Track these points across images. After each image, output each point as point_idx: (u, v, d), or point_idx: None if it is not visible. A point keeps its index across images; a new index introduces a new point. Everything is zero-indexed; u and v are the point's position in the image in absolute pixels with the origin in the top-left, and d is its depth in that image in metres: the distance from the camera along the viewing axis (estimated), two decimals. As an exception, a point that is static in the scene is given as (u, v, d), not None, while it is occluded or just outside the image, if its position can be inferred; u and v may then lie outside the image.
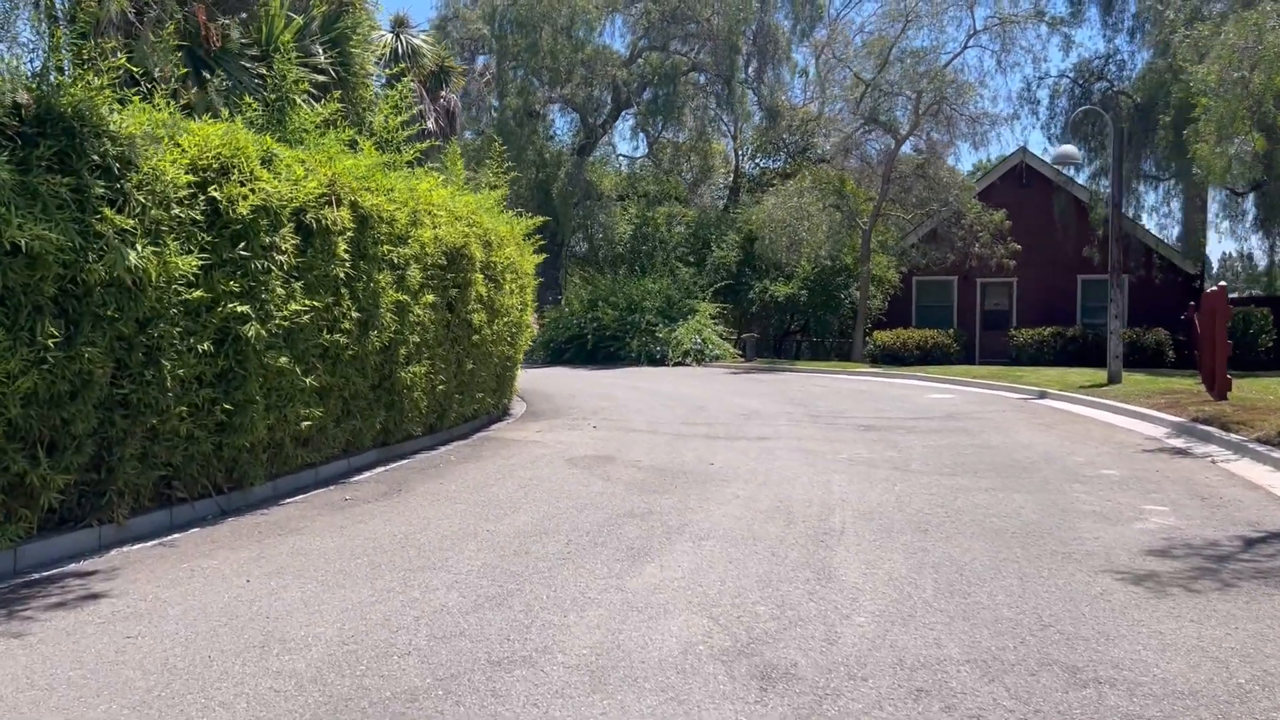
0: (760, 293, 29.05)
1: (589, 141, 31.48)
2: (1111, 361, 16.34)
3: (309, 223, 8.36)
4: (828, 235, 26.03)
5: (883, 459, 10.12)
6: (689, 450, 10.98)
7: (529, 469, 9.88)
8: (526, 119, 29.10)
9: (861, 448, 10.97)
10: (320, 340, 8.73)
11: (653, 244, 31.34)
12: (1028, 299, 30.01)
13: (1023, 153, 29.63)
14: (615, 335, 27.15)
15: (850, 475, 9.16)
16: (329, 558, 6.36)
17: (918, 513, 7.48)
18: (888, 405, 15.30)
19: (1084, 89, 24.61)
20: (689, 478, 9.19)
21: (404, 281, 10.36)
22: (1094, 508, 7.55)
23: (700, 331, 26.58)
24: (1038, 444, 10.89)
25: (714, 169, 37.18)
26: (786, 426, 12.90)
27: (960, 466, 9.58)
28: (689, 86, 30.83)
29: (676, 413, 14.79)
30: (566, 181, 28.93)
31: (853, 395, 17.10)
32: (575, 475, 9.43)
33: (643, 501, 8.05)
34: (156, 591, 5.63)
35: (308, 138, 9.71)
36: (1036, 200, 29.10)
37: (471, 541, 6.75)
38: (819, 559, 6.15)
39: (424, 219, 11.00)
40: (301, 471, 9.12)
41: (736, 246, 30.07)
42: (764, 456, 10.41)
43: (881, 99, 26.06)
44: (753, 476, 9.18)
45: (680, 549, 6.45)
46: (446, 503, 8.18)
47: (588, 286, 29.15)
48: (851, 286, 28.71)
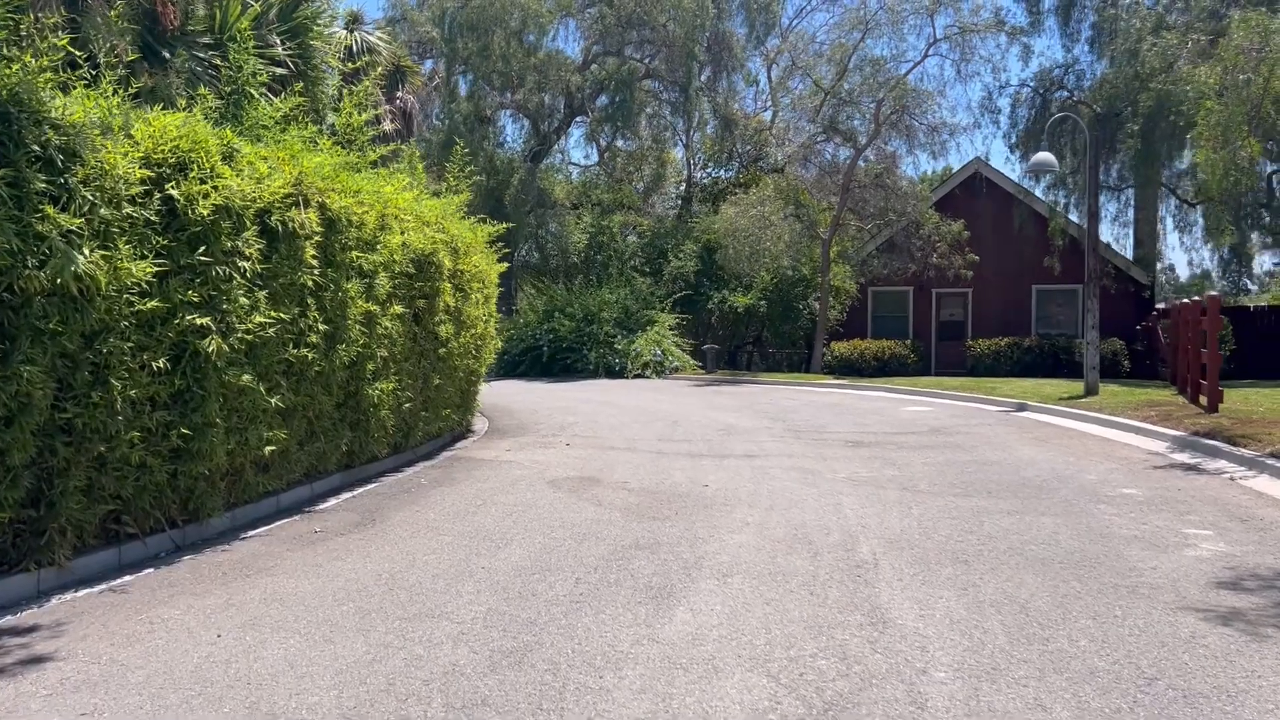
0: (720, 303, 28.54)
1: (542, 148, 30.71)
2: (1089, 373, 16.09)
3: (274, 225, 7.56)
4: (789, 245, 25.62)
5: (886, 478, 9.59)
6: (677, 470, 10.34)
7: (510, 493, 9.14)
8: (477, 125, 28.25)
9: (858, 465, 10.43)
10: (286, 355, 7.92)
11: (608, 253, 30.66)
12: (983, 310, 29.96)
13: (978, 163, 29.59)
14: (572, 347, 26.42)
15: (860, 497, 8.59)
16: (309, 604, 5.58)
17: (948, 540, 6.92)
18: (867, 419, 14.83)
19: (1044, 98, 24.57)
20: (687, 502, 8.55)
21: (372, 291, 9.57)
22: (1133, 532, 7.06)
23: (660, 343, 25.97)
24: (1041, 461, 10.46)
25: (666, 178, 36.69)
26: (772, 443, 12.33)
27: (971, 486, 9.08)
28: (644, 93, 30.27)
29: (651, 429, 14.13)
30: (519, 189, 28.13)
31: (827, 409, 16.62)
32: (562, 500, 8.72)
33: (645, 530, 7.38)
34: (112, 651, 4.81)
35: (267, 134, 8.90)
36: (991, 211, 29.07)
37: (468, 581, 6.02)
38: (864, 598, 5.54)
39: (392, 224, 10.22)
40: (262, 500, 8.28)
41: (694, 256, 29.54)
42: (759, 477, 9.80)
43: (841, 107, 25.77)
44: (755, 500, 8.56)
45: (705, 588, 5.80)
46: (429, 534, 7.42)
47: (543, 297, 28.35)
48: (810, 297, 28.36)
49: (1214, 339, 12.23)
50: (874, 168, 26.70)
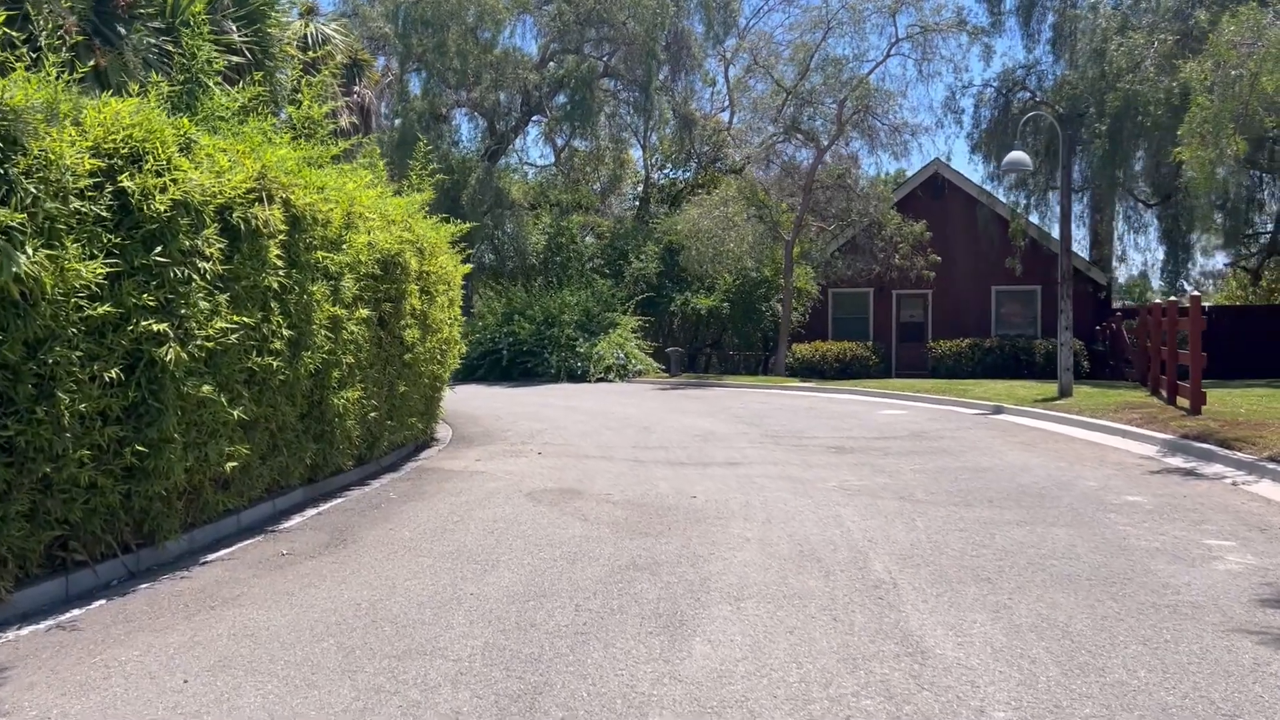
0: (682, 305, 28.15)
1: (498, 147, 30.05)
2: (1062, 374, 15.95)
3: (236, 223, 6.97)
4: (751, 246, 25.32)
5: (880, 487, 9.23)
6: (660, 480, 9.89)
7: (488, 507, 8.62)
8: (432, 123, 27.53)
9: (847, 473, 10.07)
10: (248, 363, 7.33)
11: (567, 254, 30.10)
12: (943, 311, 29.94)
13: (938, 164, 29.58)
14: (532, 350, 25.83)
15: (858, 508, 8.21)
16: (285, 641, 5.04)
17: (963, 555, 6.55)
18: (844, 424, 14.51)
19: (1006, 99, 24.56)
20: (677, 515, 8.10)
21: (338, 294, 9.00)
22: (1152, 544, 6.76)
23: (623, 346, 25.49)
24: (1035, 466, 10.18)
25: (624, 178, 36.23)
26: (752, 450, 11.93)
27: (969, 495, 8.75)
28: (602, 92, 29.77)
29: (624, 435, 13.67)
30: (477, 188, 27.45)
31: (801, 413, 16.29)
32: (545, 515, 8.22)
33: (640, 549, 6.92)
34: (64, 703, 4.24)
35: (224, 125, 8.29)
36: (951, 212, 29.07)
37: (458, 610, 5.52)
38: (892, 623, 5.14)
39: (358, 223, 9.65)
40: (222, 519, 7.68)
41: (656, 258, 29.10)
42: (748, 487, 9.39)
43: (803, 107, 25.52)
44: (749, 512, 8.15)
45: (719, 614, 5.36)
46: (407, 555, 6.88)
47: (501, 299, 27.70)
48: (773, 299, 28.09)
49: (1196, 340, 12.08)
50: (836, 168, 26.51)
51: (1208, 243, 30.46)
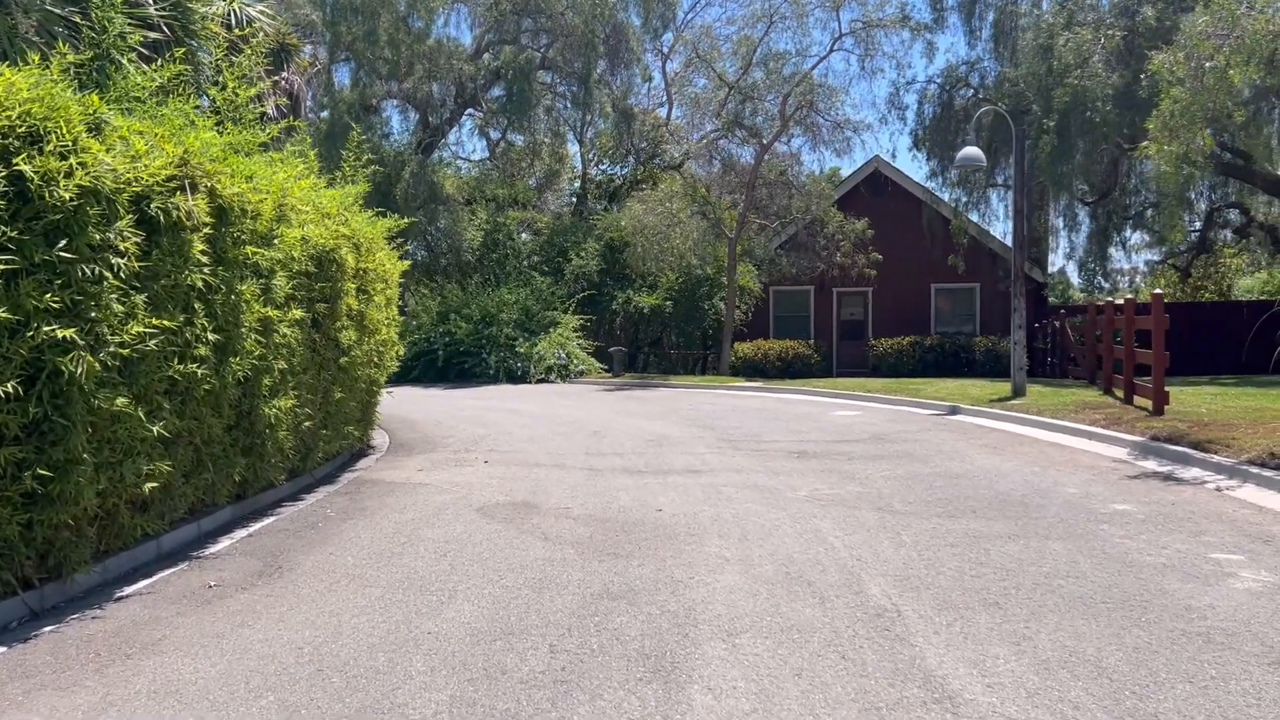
0: (625, 303, 27.55)
1: (431, 140, 29.05)
2: (1016, 373, 15.74)
3: (155, 214, 6.19)
4: (696, 243, 24.84)
5: (854, 496, 8.75)
6: (620, 491, 9.28)
7: (436, 526, 7.93)
8: (362, 114, 26.46)
9: (815, 481, 9.58)
10: (169, 372, 6.53)
11: (504, 251, 29.25)
12: (883, 309, 29.88)
13: (878, 161, 29.48)
14: (470, 350, 24.99)
15: (836, 521, 7.71)
16: (216, 699, 4.32)
17: (961, 575, 6.08)
18: (801, 426, 14.07)
19: (949, 95, 24.46)
20: (645, 531, 7.51)
21: (269, 293, 8.22)
22: (1157, 559, 6.37)
23: (564, 345, 24.79)
24: (1009, 472, 9.81)
25: (562, 174, 35.49)
26: (712, 456, 11.40)
27: (949, 504, 8.31)
28: (540, 85, 28.99)
29: (574, 441, 13.03)
30: (411, 182, 26.45)
31: (753, 414, 15.81)
32: (501, 534, 7.57)
33: (612, 573, 6.31)
34: (-59, 797, 3.49)
35: (141, 107, 7.46)
36: (891, 209, 28.98)
37: (415, 654, 4.85)
38: (908, 661, 4.62)
39: (290, 215, 8.86)
40: (140, 545, 6.87)
41: (597, 255, 28.44)
42: (715, 498, 8.84)
43: (745, 102, 25.11)
44: (723, 528, 7.59)
45: (714, 654, 4.78)
46: (352, 585, 6.18)
47: (437, 297, 26.77)
48: (716, 297, 27.65)
49: (1160, 339, 11.89)
50: (779, 164, 26.17)
51: (1140, 241, 30.88)
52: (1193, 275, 33.39)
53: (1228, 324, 26.29)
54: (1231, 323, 26.18)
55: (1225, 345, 25.13)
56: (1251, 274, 39.19)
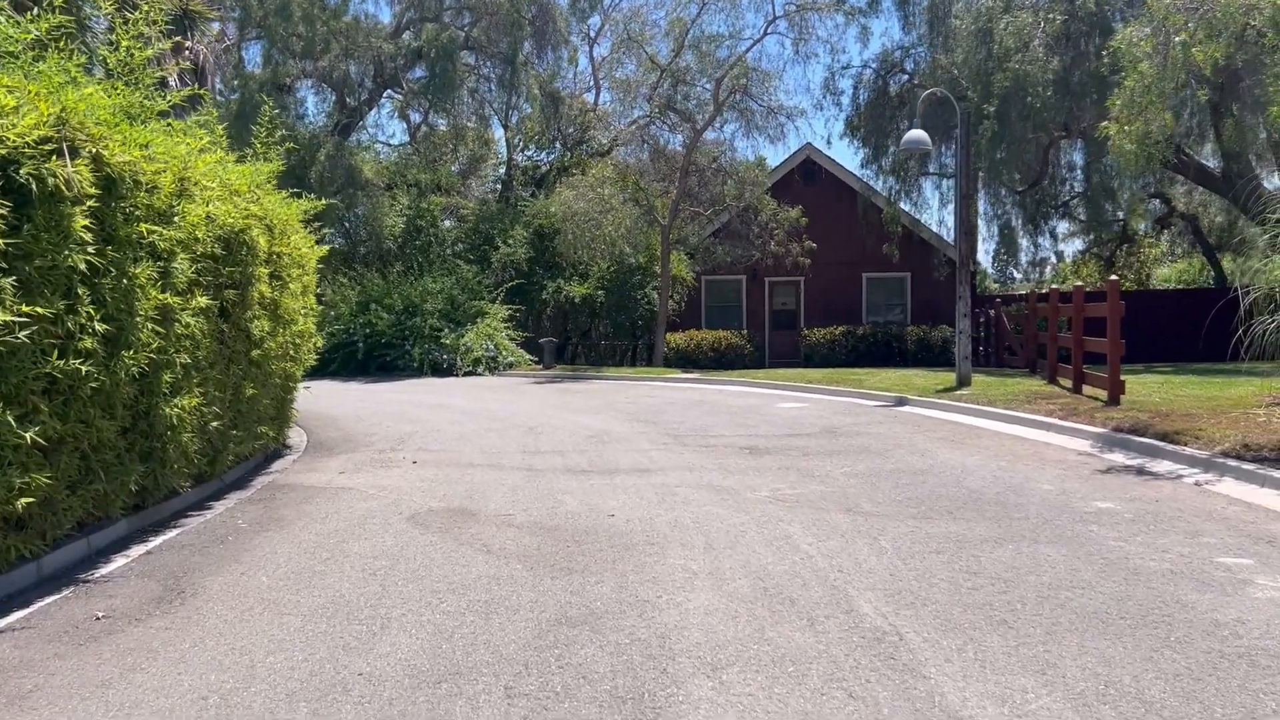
0: (555, 293, 26.66)
1: (349, 122, 27.68)
2: (961, 363, 15.39)
3: (25, 182, 5.23)
4: (629, 230, 24.11)
5: (818, 496, 8.14)
6: (565, 494, 8.54)
7: (363, 537, 7.09)
8: (275, 94, 25.01)
9: (774, 479, 8.96)
10: (47, 368, 5.58)
11: (427, 238, 28.10)
12: (815, 298, 29.58)
13: (809, 149, 29.13)
14: (392, 342, 23.87)
15: (806, 525, 7.09)
16: (94, 777, 3.48)
17: (956, 588, 5.49)
18: (746, 419, 13.46)
19: (884, 81, 24.13)
20: (599, 541, 6.78)
21: (169, 277, 7.26)
22: (1161, 564, 5.87)
23: (492, 336, 23.83)
24: (974, 468, 9.31)
25: (486, 159, 34.38)
26: (659, 453, 10.70)
27: (921, 504, 7.76)
28: (463, 66, 27.87)
29: (509, 438, 12.23)
30: (327, 165, 25.15)
31: (695, 407, 15.17)
32: (437, 546, 6.77)
33: (568, 592, 5.58)
34: None
35: (13, 62, 6.44)
36: (823, 198, 28.67)
37: (344, 703, 4.06)
38: (925, 698, 3.98)
39: (193, 190, 7.89)
40: (16, 569, 5.90)
41: (525, 242, 27.48)
42: (670, 500, 8.15)
43: (678, 86, 24.45)
44: (683, 535, 6.90)
45: (700, 694, 4.09)
46: (266, 613, 5.33)
47: (356, 287, 25.54)
48: (648, 286, 26.96)
49: (1115, 327, 11.57)
50: (712, 151, 25.59)
51: (1067, 230, 31.12)
52: (1116, 264, 33.85)
53: (1157, 312, 26.59)
54: (1159, 311, 26.49)
55: (1156, 333, 25.36)
56: (1169, 263, 40.01)
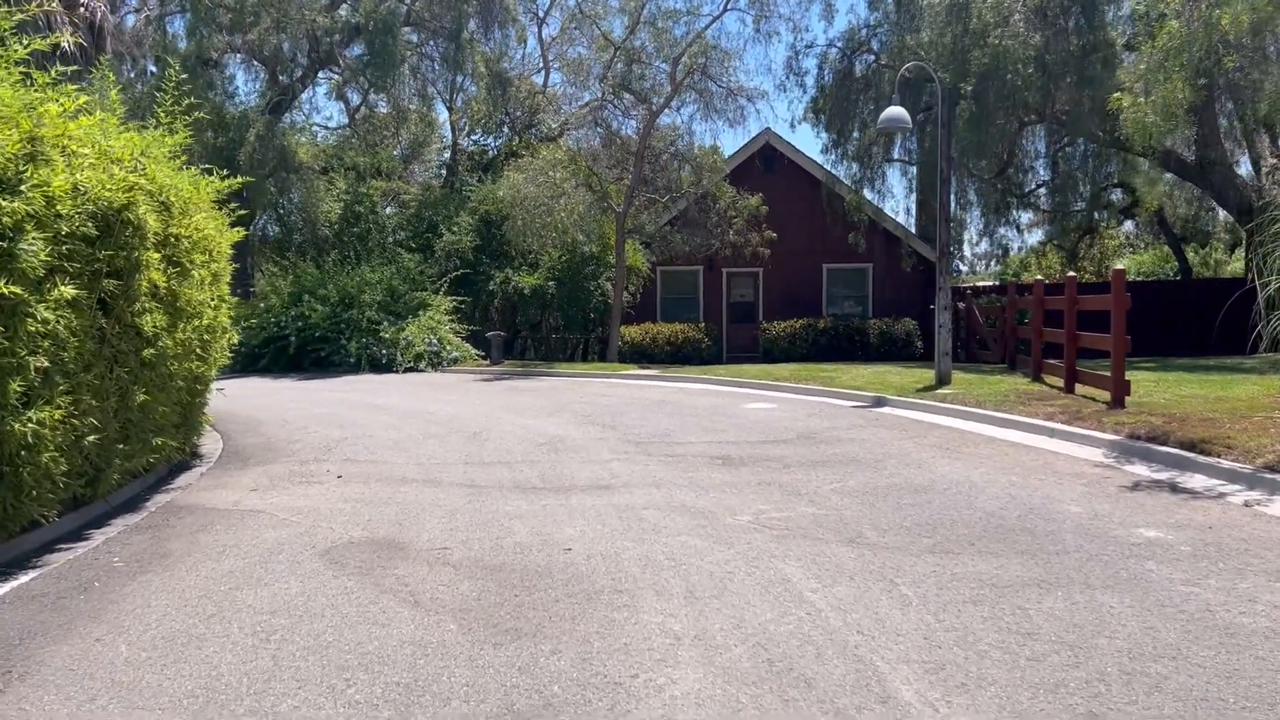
0: (503, 284, 25.18)
1: (282, 99, 25.87)
2: (941, 359, 14.30)
3: None
4: (581, 217, 22.75)
5: (810, 521, 6.94)
6: (513, 519, 7.24)
7: (262, 582, 5.74)
8: (200, 69, 23.23)
9: (755, 498, 7.74)
10: None
11: (366, 225, 26.45)
12: (774, 290, 28.51)
13: (768, 134, 27.98)
14: (327, 336, 22.28)
15: (805, 564, 5.87)
16: None
17: (1015, 658, 4.30)
18: (713, 422, 12.24)
19: (849, 61, 23.04)
20: (555, 587, 5.51)
21: (14, 261, 5.82)
22: (1259, 621, 4.74)
23: (435, 330, 22.33)
24: (981, 483, 8.17)
25: (429, 143, 32.72)
26: (620, 465, 9.43)
27: (934, 531, 6.58)
28: (405, 44, 26.23)
29: (450, 446, 10.88)
30: (257, 146, 23.39)
31: (656, 408, 13.91)
32: (353, 595, 5.45)
33: (511, 667, 4.31)
34: None
35: None
36: (782, 185, 27.57)
37: None
38: None
39: (52, 155, 6.43)
40: None
41: (471, 230, 25.95)
42: (637, 528, 6.89)
43: (633, 65, 23.13)
44: (657, 578, 5.65)
45: None
46: (115, 705, 3.99)
47: (288, 276, 23.85)
48: (602, 277, 25.63)
49: (1121, 321, 10.55)
50: (669, 134, 24.34)
51: (1029, 220, 30.39)
52: (1079, 255, 33.24)
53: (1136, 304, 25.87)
54: (1137, 302, 25.76)
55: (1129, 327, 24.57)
56: (1129, 254, 39.61)
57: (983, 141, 19.05)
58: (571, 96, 27.64)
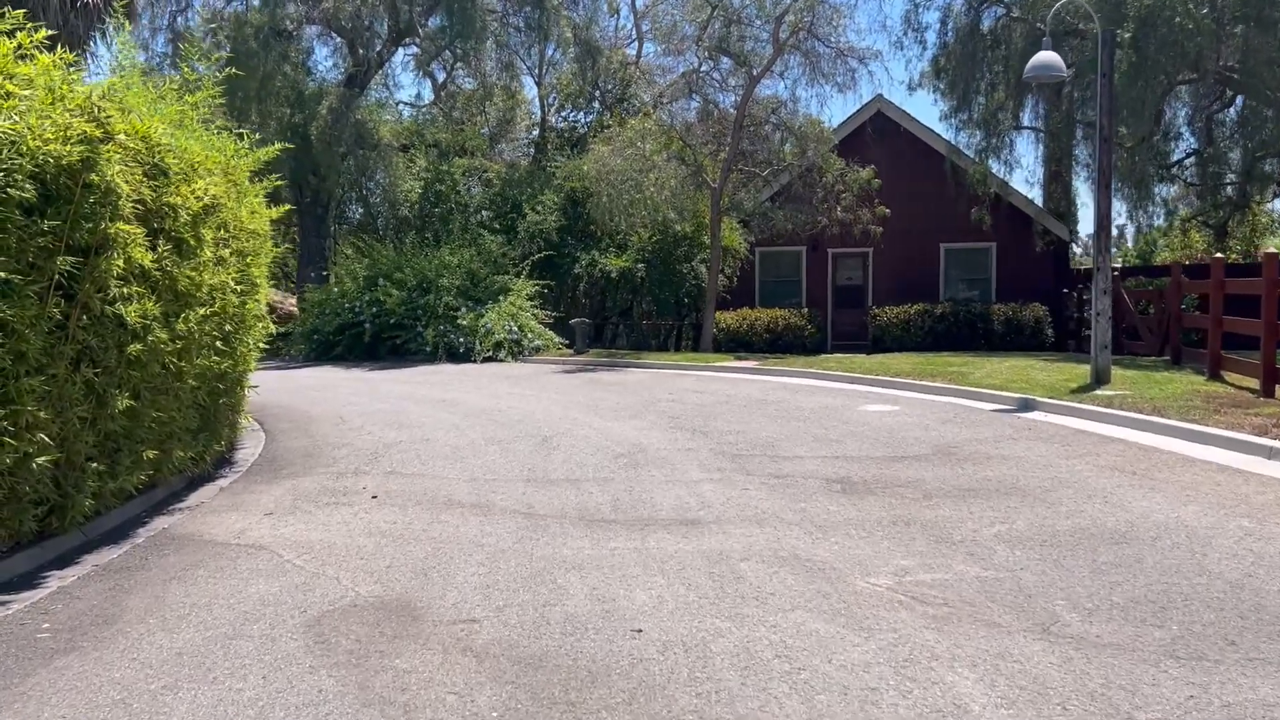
0: (589, 266, 23.47)
1: (357, 71, 24.51)
2: (1099, 353, 11.98)
3: None
4: (674, 192, 20.84)
5: (978, 590, 4.99)
6: (569, 571, 5.49)
7: (213, 676, 4.13)
8: (274, 39, 22.08)
9: (892, 547, 5.81)
10: None
11: (449, 205, 25.05)
12: (884, 272, 26.16)
13: (880, 101, 25.60)
14: (402, 323, 20.93)
15: (986, 677, 3.95)
16: None
17: None
18: (826, 429, 10.26)
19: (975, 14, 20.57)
20: (613, 701, 3.74)
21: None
22: None
23: (516, 317, 20.76)
24: (1205, 531, 6.05)
25: (517, 120, 31.20)
26: (713, 488, 7.58)
27: (1166, 616, 4.57)
28: (488, 13, 24.69)
29: (513, 455, 9.21)
30: (330, 121, 22.14)
31: (755, 409, 11.99)
32: (324, 707, 3.77)
33: None
34: None
35: None
36: (894, 156, 25.14)
37: None
38: None
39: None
40: None
41: (556, 209, 24.30)
42: (732, 594, 5.05)
43: (731, 26, 21.09)
44: (764, 690, 3.82)
45: None
46: None
47: (364, 260, 22.60)
48: (695, 259, 23.71)
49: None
50: (772, 101, 22.25)
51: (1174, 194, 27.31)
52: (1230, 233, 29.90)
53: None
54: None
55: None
56: (1279, 232, 35.79)
57: (1141, 99, 16.44)
58: (665, 68, 25.69)
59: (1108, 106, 11.85)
